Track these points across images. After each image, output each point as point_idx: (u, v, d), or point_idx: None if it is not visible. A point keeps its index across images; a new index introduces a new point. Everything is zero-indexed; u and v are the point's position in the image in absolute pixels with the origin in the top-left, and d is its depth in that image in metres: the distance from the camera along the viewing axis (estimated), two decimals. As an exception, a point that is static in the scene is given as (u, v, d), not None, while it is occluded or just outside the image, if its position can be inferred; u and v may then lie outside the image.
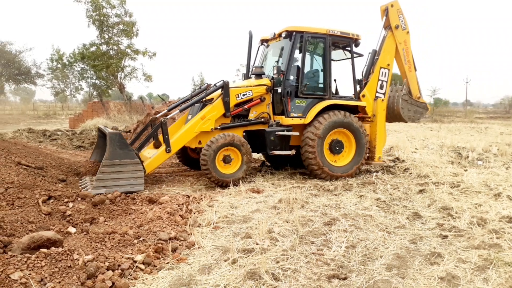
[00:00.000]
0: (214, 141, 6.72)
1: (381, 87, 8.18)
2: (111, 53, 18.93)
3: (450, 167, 8.15)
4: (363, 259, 3.66)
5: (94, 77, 30.42)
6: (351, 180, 7.17)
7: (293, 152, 7.52)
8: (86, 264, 3.12)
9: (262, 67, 8.10)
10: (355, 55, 8.09)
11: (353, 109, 7.97)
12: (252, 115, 7.56)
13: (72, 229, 4.28)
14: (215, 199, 5.85)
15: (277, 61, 8.09)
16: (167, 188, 6.81)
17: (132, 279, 3.18)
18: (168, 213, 4.74)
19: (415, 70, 8.48)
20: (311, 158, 7.27)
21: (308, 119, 7.43)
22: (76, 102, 58.33)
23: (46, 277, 2.93)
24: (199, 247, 3.96)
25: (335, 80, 8.63)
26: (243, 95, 7.40)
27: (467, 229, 4.50)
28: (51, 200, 4.97)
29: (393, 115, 8.54)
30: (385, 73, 8.17)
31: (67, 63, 33.30)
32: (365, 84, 8.16)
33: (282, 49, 7.93)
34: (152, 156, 6.74)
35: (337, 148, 7.60)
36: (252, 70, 8.23)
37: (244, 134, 7.47)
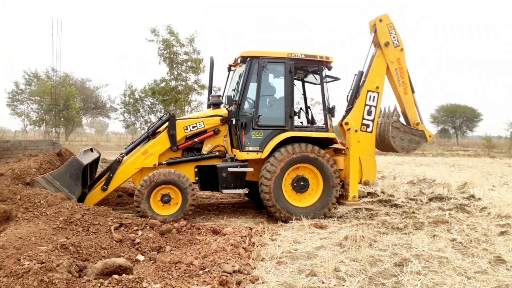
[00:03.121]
0: (148, 179, 6.22)
1: (369, 113, 7.13)
2: (180, 88, 20.02)
3: (536, 208, 7.38)
4: (440, 306, 3.36)
5: (163, 111, 32.17)
6: (421, 218, 6.73)
7: (245, 191, 6.80)
8: (154, 293, 3.17)
9: (219, 96, 7.55)
10: (328, 79, 7.37)
11: (325, 141, 7.18)
12: (206, 149, 7.00)
13: (140, 257, 4.41)
14: (278, 233, 5.77)
15: (234, 89, 7.43)
16: (229, 219, 6.87)
17: (197, 311, 3.17)
18: (231, 245, 4.74)
19: (413, 92, 7.38)
20: (267, 198, 6.55)
21: (265, 154, 6.70)
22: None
23: (117, 304, 3.01)
24: (263, 282, 3.88)
25: (309, 108, 8.02)
26: (193, 127, 6.89)
27: (563, 279, 3.99)
28: (122, 228, 5.19)
29: (384, 145, 7.48)
30: (374, 97, 7.14)
31: (138, 98, 35.68)
32: (349, 110, 7.25)
33: (240, 76, 7.21)
34: (88, 194, 6.53)
35: (301, 186, 6.82)
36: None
37: (196, 170, 6.90)
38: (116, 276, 3.29)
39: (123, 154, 6.81)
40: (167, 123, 6.89)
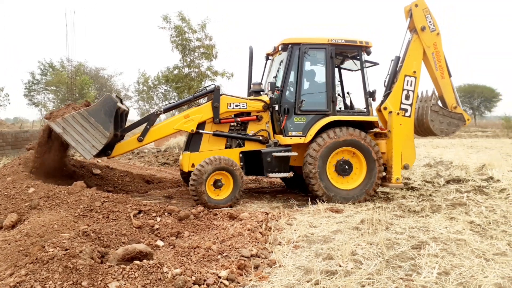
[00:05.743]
0: (202, 167, 6.34)
1: (407, 98, 7.24)
2: (193, 75, 19.97)
3: (557, 189, 7.24)
4: (458, 288, 3.36)
5: (177, 98, 32.35)
6: (439, 201, 6.68)
7: (290, 174, 7.05)
8: (175, 277, 3.25)
9: (260, 83, 7.72)
10: (367, 64, 7.44)
11: (366, 125, 7.29)
12: (250, 134, 7.18)
13: (160, 243, 4.51)
14: (294, 217, 5.81)
15: (275, 77, 7.64)
16: (245, 204, 6.92)
17: (217, 295, 3.23)
18: (248, 229, 4.79)
19: (450, 76, 7.44)
20: (312, 181, 6.72)
21: (308, 138, 6.90)
22: (160, 122, 62.30)
23: (139, 288, 3.09)
24: (280, 266, 3.94)
25: (348, 93, 8.07)
26: (236, 105, 7.07)
27: None
28: (141, 214, 5.29)
29: (423, 129, 7.59)
30: (411, 81, 7.26)
31: (152, 85, 35.91)
32: (387, 94, 7.37)
33: (281, 63, 7.46)
34: (122, 141, 6.88)
35: (344, 169, 6.96)
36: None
37: (241, 155, 7.09)
38: (137, 262, 3.37)
39: (162, 109, 7.15)
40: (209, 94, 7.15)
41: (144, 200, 6.28)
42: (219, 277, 3.46)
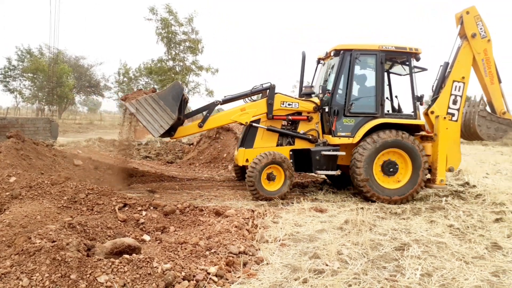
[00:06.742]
0: (258, 161, 6.94)
1: (454, 103, 7.55)
2: (177, 69, 19.83)
3: (529, 196, 7.53)
4: (441, 290, 3.47)
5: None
6: (419, 204, 6.86)
7: (338, 172, 7.33)
8: (165, 272, 3.23)
9: (312, 86, 8.13)
10: (416, 69, 7.74)
11: (413, 128, 7.56)
12: (301, 133, 7.61)
13: (146, 237, 4.48)
14: (279, 216, 5.86)
15: (326, 80, 8.02)
16: (230, 201, 6.93)
17: (206, 291, 3.24)
18: (235, 226, 4.80)
19: (500, 82, 7.65)
20: (359, 179, 7.04)
21: (356, 139, 7.25)
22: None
23: (128, 283, 3.07)
24: (267, 264, 3.97)
25: (396, 97, 8.34)
26: (289, 104, 7.56)
27: (557, 266, 4.12)
28: (126, 208, 5.22)
29: (469, 133, 7.83)
30: (459, 87, 7.53)
31: (132, 77, 35.30)
32: (435, 99, 7.67)
33: (332, 67, 7.83)
34: (183, 125, 7.33)
35: (390, 169, 7.23)
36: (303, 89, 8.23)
37: (291, 153, 7.51)
38: (127, 256, 3.33)
39: (220, 100, 7.65)
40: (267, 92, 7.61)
41: (130, 193, 6.20)
42: (208, 273, 3.47)
